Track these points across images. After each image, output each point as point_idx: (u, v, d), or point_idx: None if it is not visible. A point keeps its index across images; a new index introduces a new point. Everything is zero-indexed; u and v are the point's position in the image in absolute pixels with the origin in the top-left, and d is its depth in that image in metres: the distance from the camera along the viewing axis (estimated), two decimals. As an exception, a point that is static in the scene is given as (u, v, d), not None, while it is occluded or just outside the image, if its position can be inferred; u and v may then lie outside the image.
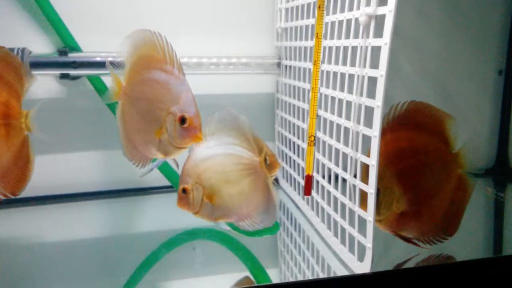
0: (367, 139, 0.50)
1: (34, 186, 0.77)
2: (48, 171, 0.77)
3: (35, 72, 0.68)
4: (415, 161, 0.55)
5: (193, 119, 0.43)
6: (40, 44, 0.73)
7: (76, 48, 0.72)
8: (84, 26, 0.74)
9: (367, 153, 0.50)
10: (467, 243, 0.66)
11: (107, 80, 0.74)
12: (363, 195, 0.50)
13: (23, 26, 0.72)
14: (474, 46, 0.90)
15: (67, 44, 0.71)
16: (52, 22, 0.70)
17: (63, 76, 0.73)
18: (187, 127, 0.43)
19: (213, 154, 0.48)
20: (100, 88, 0.73)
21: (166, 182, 0.71)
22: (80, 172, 0.79)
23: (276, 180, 0.86)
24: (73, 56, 0.70)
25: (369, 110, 0.49)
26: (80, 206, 0.77)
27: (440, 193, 0.56)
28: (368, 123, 0.49)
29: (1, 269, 0.47)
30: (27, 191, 0.77)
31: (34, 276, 0.55)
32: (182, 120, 0.43)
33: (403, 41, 0.85)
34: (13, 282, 0.53)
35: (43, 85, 0.75)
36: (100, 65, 0.71)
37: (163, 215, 0.74)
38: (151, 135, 0.45)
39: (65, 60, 0.70)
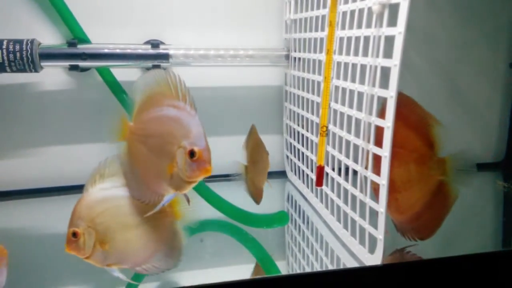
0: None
1: (43, 177, 0.78)
2: (57, 162, 0.78)
3: (44, 64, 0.68)
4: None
5: (202, 152, 0.43)
6: (49, 36, 0.73)
7: (85, 40, 0.72)
8: (93, 17, 0.74)
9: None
10: (476, 236, 0.66)
11: (116, 72, 0.75)
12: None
13: (32, 17, 0.72)
14: (484, 39, 0.90)
15: (76, 36, 0.71)
16: (61, 14, 0.70)
17: (72, 68, 0.73)
18: (196, 160, 0.43)
19: (110, 197, 0.47)
20: (109, 79, 0.73)
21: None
22: (89, 163, 0.79)
23: (283, 172, 0.86)
24: (82, 47, 0.70)
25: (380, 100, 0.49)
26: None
27: (410, 192, 0.54)
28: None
29: (11, 259, 0.48)
30: (36, 183, 0.78)
31: (44, 266, 0.56)
32: (192, 154, 0.43)
33: (413, 33, 0.84)
34: (23, 272, 0.53)
35: (52, 77, 0.75)
36: (109, 56, 0.71)
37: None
38: (163, 171, 0.45)
39: (75, 51, 0.69)
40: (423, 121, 0.55)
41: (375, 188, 0.51)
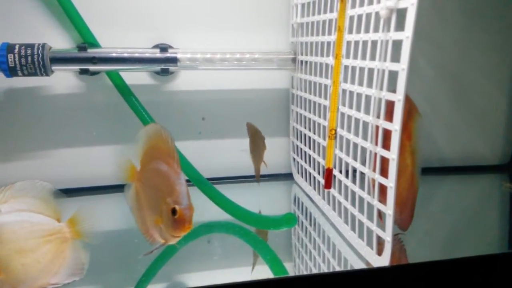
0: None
1: (55, 180, 0.78)
2: (68, 165, 0.79)
3: (55, 68, 0.69)
4: None
5: (183, 211, 0.45)
6: (60, 40, 0.74)
7: (95, 44, 0.73)
8: (103, 22, 0.75)
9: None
10: (482, 238, 0.66)
11: (125, 76, 0.76)
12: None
13: (43, 22, 0.73)
14: (490, 41, 0.90)
15: (86, 40, 0.72)
16: (72, 18, 0.71)
17: (83, 72, 0.74)
18: (177, 219, 0.45)
19: (2, 222, 0.46)
20: (118, 83, 0.74)
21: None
22: (99, 166, 0.80)
23: (289, 174, 0.87)
24: (92, 51, 0.71)
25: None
26: (99, 199, 0.79)
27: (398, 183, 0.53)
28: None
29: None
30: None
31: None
32: (173, 211, 0.45)
33: (418, 36, 0.84)
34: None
35: (63, 81, 0.76)
36: (119, 60, 0.72)
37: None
38: (154, 221, 0.49)
39: (85, 55, 0.70)
40: (406, 111, 0.54)
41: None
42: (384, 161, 0.50)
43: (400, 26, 0.47)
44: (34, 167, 0.78)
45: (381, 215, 0.52)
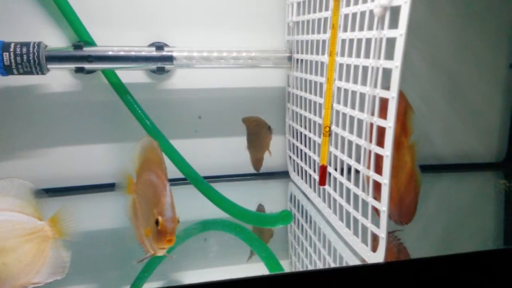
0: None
1: (49, 178, 0.79)
2: (63, 163, 0.79)
3: (50, 66, 0.69)
4: None
5: (165, 223, 0.45)
6: (55, 38, 0.74)
7: (91, 42, 0.73)
8: (99, 20, 0.75)
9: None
10: (478, 234, 0.66)
11: (121, 74, 0.76)
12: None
13: (39, 20, 0.73)
14: (485, 39, 0.90)
15: (82, 38, 0.72)
16: (67, 17, 0.71)
17: (78, 70, 0.74)
18: (160, 230, 0.45)
19: None
20: (114, 82, 0.74)
21: (179, 175, 0.72)
22: (95, 164, 0.80)
23: (286, 172, 0.87)
24: (88, 50, 0.71)
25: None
26: (94, 198, 0.79)
27: (395, 179, 0.55)
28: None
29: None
30: (43, 184, 0.79)
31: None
32: (156, 223, 0.45)
33: (413, 34, 0.85)
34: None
35: (59, 79, 0.76)
36: (114, 59, 0.72)
37: (176, 207, 0.75)
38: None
39: (81, 54, 0.70)
40: (403, 109, 0.56)
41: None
42: (379, 158, 0.51)
43: (394, 24, 0.47)
44: (30, 165, 0.77)
45: (377, 210, 0.52)
